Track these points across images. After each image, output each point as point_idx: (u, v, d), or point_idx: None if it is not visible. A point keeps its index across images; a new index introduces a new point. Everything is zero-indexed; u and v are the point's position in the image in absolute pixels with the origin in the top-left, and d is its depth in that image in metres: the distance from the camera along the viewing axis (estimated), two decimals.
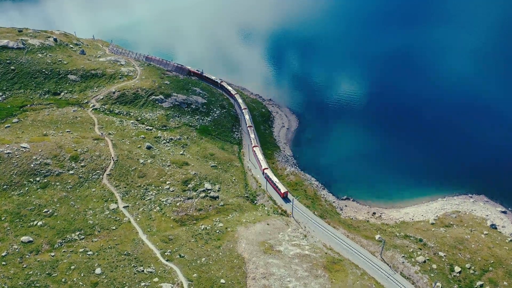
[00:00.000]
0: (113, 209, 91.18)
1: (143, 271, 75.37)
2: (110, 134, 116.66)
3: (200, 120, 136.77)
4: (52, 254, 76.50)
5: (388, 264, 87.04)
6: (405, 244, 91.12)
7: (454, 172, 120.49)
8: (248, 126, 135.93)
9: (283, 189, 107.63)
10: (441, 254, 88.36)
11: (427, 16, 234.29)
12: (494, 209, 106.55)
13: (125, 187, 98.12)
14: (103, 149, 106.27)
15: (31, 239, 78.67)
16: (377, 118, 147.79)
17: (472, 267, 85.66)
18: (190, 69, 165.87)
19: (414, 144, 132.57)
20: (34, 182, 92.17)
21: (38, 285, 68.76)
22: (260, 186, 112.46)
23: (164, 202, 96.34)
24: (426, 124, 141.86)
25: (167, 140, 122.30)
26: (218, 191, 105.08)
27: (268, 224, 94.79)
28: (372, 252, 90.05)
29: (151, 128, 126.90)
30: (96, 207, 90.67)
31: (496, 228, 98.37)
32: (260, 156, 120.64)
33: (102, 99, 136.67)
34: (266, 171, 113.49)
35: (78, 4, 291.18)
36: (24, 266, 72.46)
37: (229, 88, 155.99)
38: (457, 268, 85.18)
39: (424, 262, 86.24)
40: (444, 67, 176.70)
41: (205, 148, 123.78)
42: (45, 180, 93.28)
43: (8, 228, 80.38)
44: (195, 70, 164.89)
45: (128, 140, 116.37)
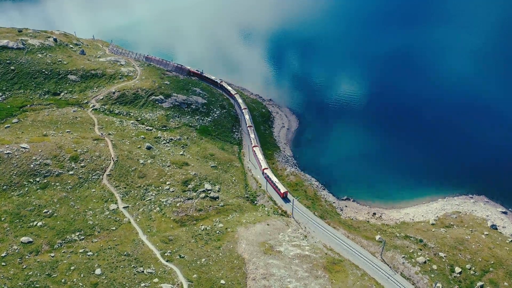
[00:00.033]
0: (113, 209, 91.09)
1: (143, 271, 75.29)
2: (110, 134, 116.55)
3: (200, 121, 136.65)
4: (52, 254, 76.38)
5: (388, 265, 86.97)
6: (405, 245, 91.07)
7: (454, 172, 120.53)
8: (248, 126, 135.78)
9: (282, 189, 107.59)
10: (441, 254, 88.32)
11: (427, 16, 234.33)
12: (495, 209, 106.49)
13: (125, 188, 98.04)
14: (103, 149, 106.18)
15: (31, 240, 78.58)
16: (377, 118, 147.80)
17: (473, 268, 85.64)
18: (190, 69, 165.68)
19: (414, 144, 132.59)
20: (34, 183, 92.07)
21: (37, 285, 68.59)
22: (260, 187, 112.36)
23: (164, 203, 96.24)
24: (426, 124, 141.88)
25: (167, 141, 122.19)
26: (218, 191, 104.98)
27: (268, 224, 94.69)
28: (373, 253, 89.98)
29: (151, 128, 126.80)
30: (96, 207, 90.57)
31: (496, 229, 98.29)
32: (260, 156, 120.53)
33: (102, 99, 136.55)
34: (266, 171, 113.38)
35: (78, 4, 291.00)
36: (24, 266, 72.33)
37: (229, 88, 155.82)
38: (457, 269, 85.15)
39: (425, 262, 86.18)
40: (444, 67, 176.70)
41: (205, 149, 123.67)
42: (45, 181, 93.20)
43: (8, 228, 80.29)
44: (195, 70, 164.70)
45: (128, 140, 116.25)
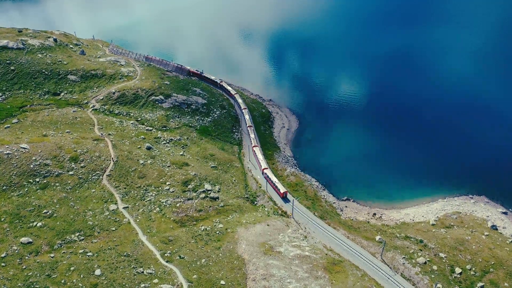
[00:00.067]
0: (112, 210, 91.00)
1: (143, 272, 75.21)
2: (110, 134, 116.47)
3: (200, 121, 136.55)
4: (52, 255, 76.29)
5: (388, 265, 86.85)
6: (405, 245, 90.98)
7: (454, 172, 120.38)
8: (248, 126, 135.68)
9: (282, 189, 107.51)
10: (441, 255, 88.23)
11: (427, 16, 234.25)
12: (495, 210, 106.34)
13: (125, 188, 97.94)
14: (103, 149, 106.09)
15: (31, 240, 78.50)
16: (377, 118, 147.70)
17: (473, 268, 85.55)
18: (190, 69, 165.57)
19: (414, 144, 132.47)
20: (34, 183, 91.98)
21: (37, 286, 68.52)
22: (260, 187, 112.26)
23: (164, 203, 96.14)
24: (426, 124, 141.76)
25: (167, 141, 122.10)
26: (218, 192, 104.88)
27: (268, 225, 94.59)
28: (373, 253, 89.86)
29: (151, 128, 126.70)
30: (95, 208, 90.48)
31: (497, 229, 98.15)
32: (260, 156, 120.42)
33: (102, 99, 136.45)
34: (265, 171, 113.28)
35: (78, 4, 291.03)
36: (24, 267, 72.25)
37: (229, 88, 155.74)
38: (457, 269, 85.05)
39: (425, 263, 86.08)
40: (444, 67, 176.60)
41: (205, 149, 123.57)
42: (44, 181, 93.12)
43: (8, 229, 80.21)
44: (195, 70, 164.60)
45: (128, 140, 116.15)
